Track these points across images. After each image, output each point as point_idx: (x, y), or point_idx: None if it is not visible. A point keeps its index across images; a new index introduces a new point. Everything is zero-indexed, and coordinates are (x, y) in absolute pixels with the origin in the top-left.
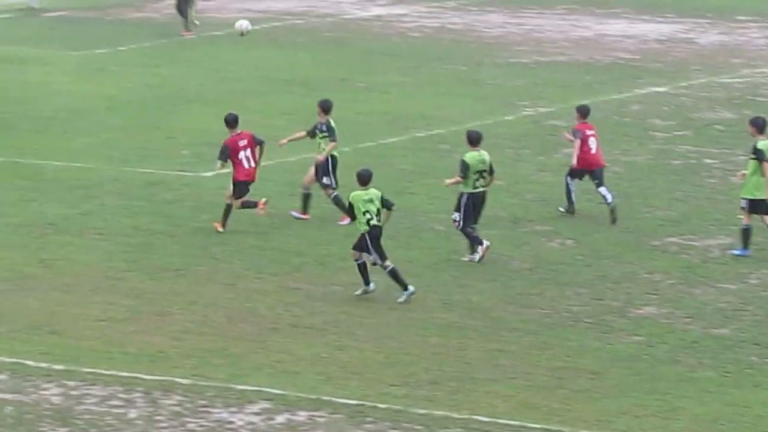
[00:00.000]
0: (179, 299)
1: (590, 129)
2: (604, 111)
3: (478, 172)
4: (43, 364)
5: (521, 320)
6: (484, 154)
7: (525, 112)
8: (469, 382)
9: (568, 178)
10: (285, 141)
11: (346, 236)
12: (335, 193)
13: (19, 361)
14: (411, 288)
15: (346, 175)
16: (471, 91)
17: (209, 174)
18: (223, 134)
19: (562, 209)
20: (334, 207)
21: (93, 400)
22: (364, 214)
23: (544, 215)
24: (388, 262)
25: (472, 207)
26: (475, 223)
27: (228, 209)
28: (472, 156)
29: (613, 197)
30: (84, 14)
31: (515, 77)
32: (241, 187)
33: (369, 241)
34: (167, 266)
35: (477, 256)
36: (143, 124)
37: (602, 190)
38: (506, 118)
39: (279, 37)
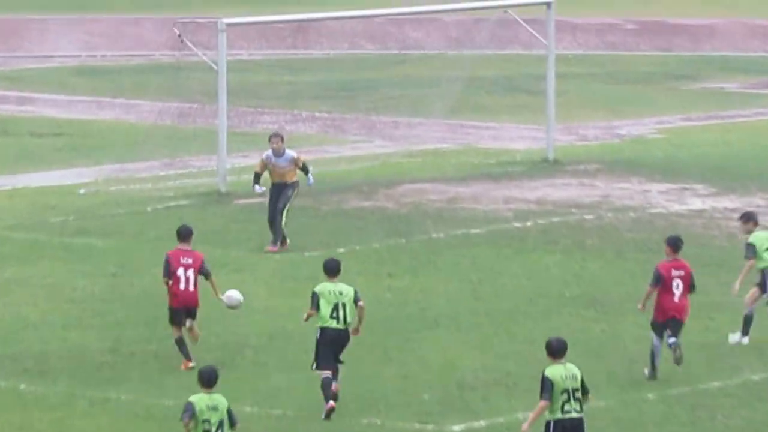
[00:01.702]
0: None
1: (678, 269)
2: None
3: (565, 390)
4: None
5: None
6: (572, 368)
7: None
8: None
9: (652, 333)
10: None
11: None
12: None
13: None
14: None
15: None
16: None
17: (457, 428)
18: (485, 368)
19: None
20: None
21: None
22: (203, 422)
23: None
24: None
25: None
26: None
27: (178, 342)
28: (555, 370)
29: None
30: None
31: None
32: (173, 313)
33: None
34: None
35: None
36: (369, 356)
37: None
38: None
39: (559, 237)
